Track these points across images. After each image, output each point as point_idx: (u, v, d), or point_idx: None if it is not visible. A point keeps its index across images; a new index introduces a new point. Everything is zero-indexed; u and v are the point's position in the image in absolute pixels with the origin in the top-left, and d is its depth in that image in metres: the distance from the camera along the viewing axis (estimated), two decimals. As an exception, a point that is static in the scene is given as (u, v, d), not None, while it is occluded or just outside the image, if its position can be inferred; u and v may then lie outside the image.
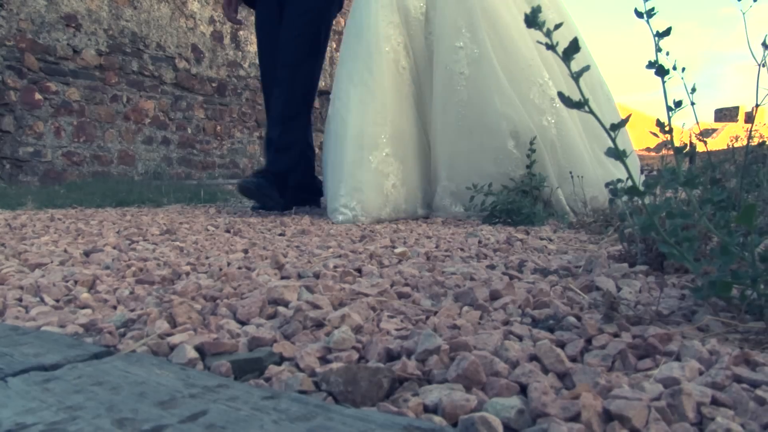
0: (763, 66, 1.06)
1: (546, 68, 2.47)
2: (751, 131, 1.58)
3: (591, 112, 0.65)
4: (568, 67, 0.65)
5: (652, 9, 0.80)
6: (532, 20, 0.62)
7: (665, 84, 0.80)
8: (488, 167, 2.37)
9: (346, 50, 2.57)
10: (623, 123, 0.64)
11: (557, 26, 0.64)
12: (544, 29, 0.63)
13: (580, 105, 0.64)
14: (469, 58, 2.41)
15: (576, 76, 0.65)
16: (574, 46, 0.61)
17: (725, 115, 28.79)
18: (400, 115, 2.44)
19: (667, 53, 0.86)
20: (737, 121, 25.53)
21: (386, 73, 2.42)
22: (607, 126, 0.68)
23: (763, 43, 1.19)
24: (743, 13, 1.23)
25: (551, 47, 0.63)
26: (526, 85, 2.41)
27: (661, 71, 0.78)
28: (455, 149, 2.42)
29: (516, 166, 2.37)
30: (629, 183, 0.70)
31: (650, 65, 0.79)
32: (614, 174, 2.43)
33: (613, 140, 0.66)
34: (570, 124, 2.44)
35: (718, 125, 25.02)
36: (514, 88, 2.40)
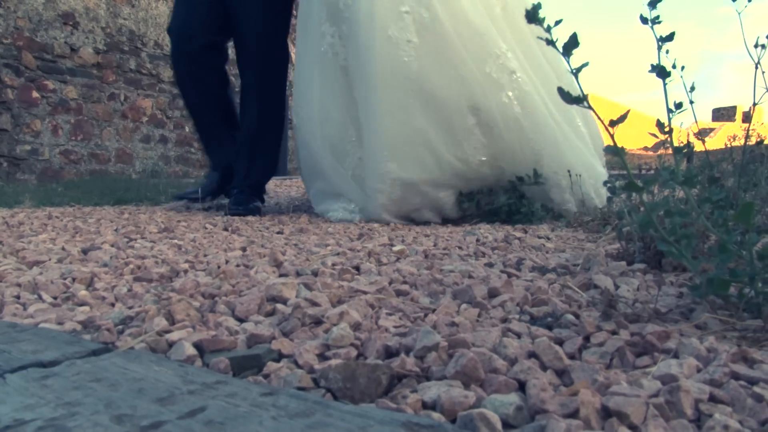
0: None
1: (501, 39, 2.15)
2: (748, 130, 1.58)
3: (589, 107, 0.65)
4: (568, 63, 0.65)
5: (657, 17, 0.80)
6: (533, 16, 0.62)
7: (666, 86, 0.80)
8: (444, 152, 2.06)
9: (301, 58, 2.45)
10: (622, 119, 0.65)
11: (557, 22, 0.64)
12: (545, 25, 0.63)
13: (580, 100, 0.64)
14: (417, 24, 2.04)
15: (576, 72, 0.65)
16: (573, 41, 0.61)
17: (723, 114, 28.83)
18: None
19: (667, 51, 0.87)
20: (735, 120, 25.57)
21: (330, 70, 2.24)
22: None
23: (756, 44, 1.19)
24: (739, 13, 1.23)
25: (551, 42, 0.63)
26: (480, 56, 2.08)
27: (663, 74, 0.78)
28: (404, 131, 2.05)
29: (476, 150, 2.07)
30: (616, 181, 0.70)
31: (653, 69, 0.79)
32: (588, 158, 2.25)
33: (612, 137, 0.66)
34: (536, 100, 2.14)
35: (716, 125, 25.06)
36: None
